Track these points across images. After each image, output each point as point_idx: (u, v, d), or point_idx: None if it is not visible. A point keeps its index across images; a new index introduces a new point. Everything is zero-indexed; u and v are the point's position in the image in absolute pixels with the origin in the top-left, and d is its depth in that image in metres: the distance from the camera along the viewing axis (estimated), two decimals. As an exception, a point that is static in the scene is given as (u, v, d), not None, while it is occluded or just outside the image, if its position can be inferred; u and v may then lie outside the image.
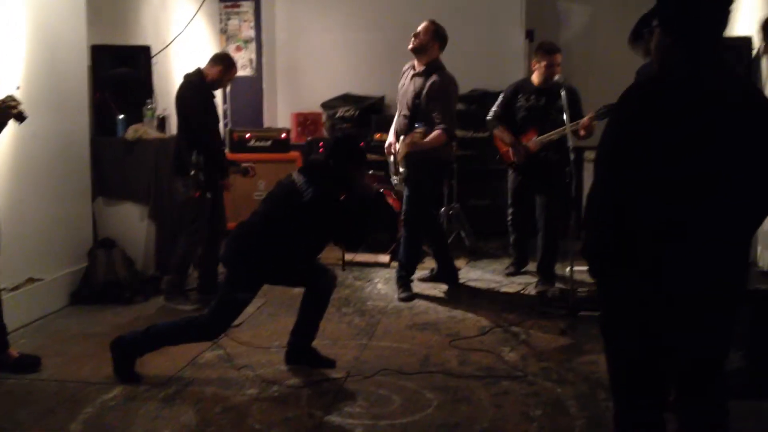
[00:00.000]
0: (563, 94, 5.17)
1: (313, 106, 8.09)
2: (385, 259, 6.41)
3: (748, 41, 5.56)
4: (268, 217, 3.99)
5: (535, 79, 5.66)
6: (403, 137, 5.44)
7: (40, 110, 4.77)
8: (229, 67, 5.33)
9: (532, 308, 5.19)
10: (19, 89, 4.60)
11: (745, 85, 2.42)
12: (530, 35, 7.87)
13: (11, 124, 3.88)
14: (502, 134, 5.70)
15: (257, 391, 3.81)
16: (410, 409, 3.60)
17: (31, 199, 4.87)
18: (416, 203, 5.45)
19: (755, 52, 5.56)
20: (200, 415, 3.54)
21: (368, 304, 5.36)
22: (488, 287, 5.83)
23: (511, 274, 6.14)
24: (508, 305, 5.29)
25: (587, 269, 2.41)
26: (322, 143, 7.53)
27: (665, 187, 2.17)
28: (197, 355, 4.25)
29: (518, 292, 5.70)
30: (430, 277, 5.89)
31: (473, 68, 7.17)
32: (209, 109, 5.32)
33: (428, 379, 3.96)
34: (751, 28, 5.60)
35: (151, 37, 6.43)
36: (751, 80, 5.40)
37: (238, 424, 3.46)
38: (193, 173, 5.02)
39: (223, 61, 5.34)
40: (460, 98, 6.14)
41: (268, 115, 8.31)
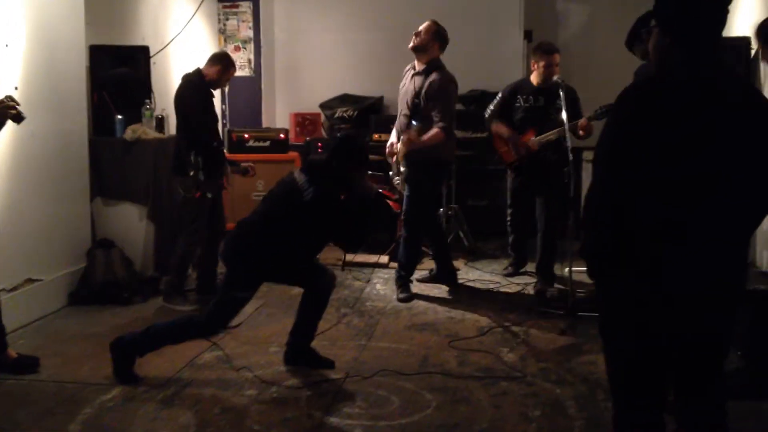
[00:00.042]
0: (562, 94, 5.18)
1: (311, 106, 8.08)
2: (384, 259, 6.40)
3: (746, 41, 5.56)
4: (268, 216, 3.98)
5: (533, 79, 5.66)
6: (402, 136, 5.45)
7: (38, 110, 4.78)
8: (227, 66, 5.33)
9: (531, 309, 5.19)
10: (17, 89, 4.60)
11: (744, 85, 2.42)
12: (529, 35, 7.87)
13: (9, 124, 3.88)
14: (499, 129, 5.68)
15: (256, 391, 3.81)
16: (409, 409, 3.60)
17: (29, 199, 4.87)
18: (416, 203, 5.45)
19: (753, 52, 5.56)
20: (199, 416, 3.54)
21: (367, 304, 5.36)
22: (487, 288, 5.83)
23: (509, 274, 6.14)
24: (507, 306, 5.29)
25: (586, 270, 2.41)
26: (320, 143, 7.53)
27: (664, 187, 2.17)
28: (196, 356, 4.24)
29: (517, 292, 5.70)
30: (429, 277, 5.89)
31: (472, 68, 7.17)
32: (208, 108, 5.32)
33: (427, 379, 3.96)
34: (749, 28, 5.60)
35: (149, 37, 6.43)
36: (749, 80, 5.41)
37: (237, 424, 3.46)
38: (192, 173, 5.02)
39: (221, 60, 5.34)
40: (458, 99, 6.14)
41: (266, 115, 8.30)
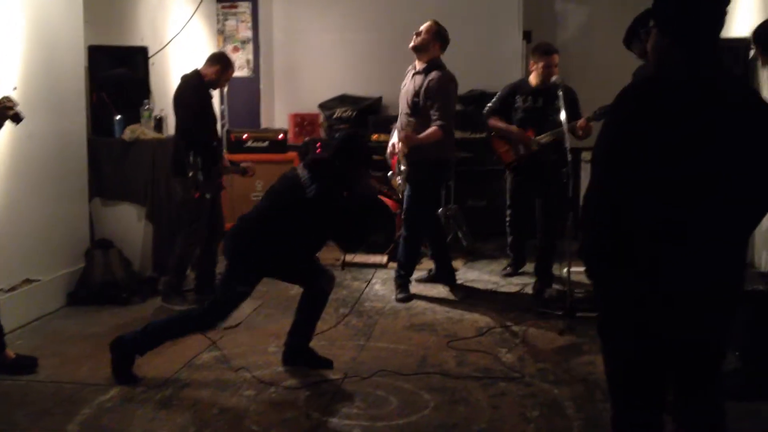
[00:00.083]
0: (560, 94, 5.18)
1: (310, 106, 8.08)
2: (382, 259, 6.40)
3: (745, 43, 5.56)
4: (269, 212, 3.98)
5: (532, 80, 5.66)
6: (399, 134, 5.46)
7: (37, 111, 4.77)
8: (226, 66, 5.33)
9: (529, 309, 5.19)
10: (16, 90, 4.60)
11: (743, 85, 2.42)
12: (528, 36, 7.87)
13: (8, 124, 3.88)
14: (498, 124, 5.68)
15: (254, 392, 3.80)
16: (407, 410, 3.60)
17: (28, 199, 4.86)
18: (417, 202, 5.45)
19: (752, 53, 5.56)
20: (197, 416, 3.54)
21: (366, 305, 5.35)
22: (486, 288, 5.82)
23: (508, 275, 6.14)
24: (505, 306, 5.29)
25: (584, 270, 2.41)
26: (319, 144, 7.53)
27: (664, 187, 2.17)
28: (194, 356, 4.24)
29: (516, 293, 5.69)
30: (428, 277, 5.89)
31: (471, 69, 7.16)
32: (207, 109, 5.31)
33: (426, 380, 3.96)
34: (748, 29, 5.60)
35: (148, 37, 6.43)
36: (748, 81, 5.41)
37: (235, 425, 3.46)
38: (191, 174, 5.02)
39: (220, 60, 5.34)
40: (458, 99, 6.13)
41: (265, 115, 8.30)
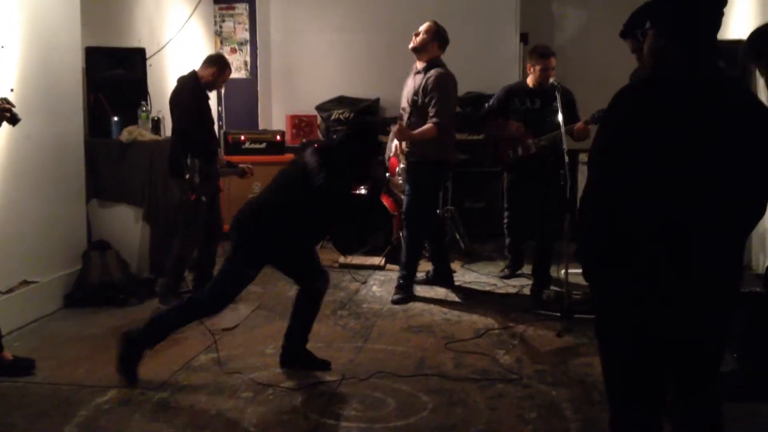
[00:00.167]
0: (558, 96, 5.18)
1: (308, 108, 8.08)
2: (380, 261, 6.40)
3: (742, 44, 5.57)
4: (276, 195, 3.99)
5: (529, 82, 5.68)
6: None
7: (34, 112, 4.77)
8: (223, 68, 5.32)
9: (527, 311, 5.19)
10: (13, 91, 4.59)
11: (742, 86, 2.42)
12: (525, 38, 7.87)
13: (5, 126, 3.87)
14: (495, 123, 5.72)
15: (252, 394, 3.80)
16: (405, 411, 3.60)
17: (25, 200, 4.86)
18: (416, 202, 5.45)
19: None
20: (195, 418, 3.53)
21: (363, 306, 5.35)
22: (484, 290, 5.82)
23: (506, 276, 6.14)
24: (503, 308, 5.29)
25: (581, 271, 2.41)
26: (316, 145, 7.51)
27: (664, 187, 2.17)
28: (192, 358, 4.24)
29: (513, 294, 5.70)
30: (425, 279, 5.89)
31: (468, 71, 7.16)
32: (204, 111, 5.30)
33: (423, 381, 3.96)
34: (744, 31, 5.60)
35: (145, 39, 6.43)
36: (745, 83, 5.42)
37: (233, 427, 3.46)
38: (188, 176, 5.01)
39: (217, 62, 5.33)
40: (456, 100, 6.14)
41: (262, 117, 8.30)
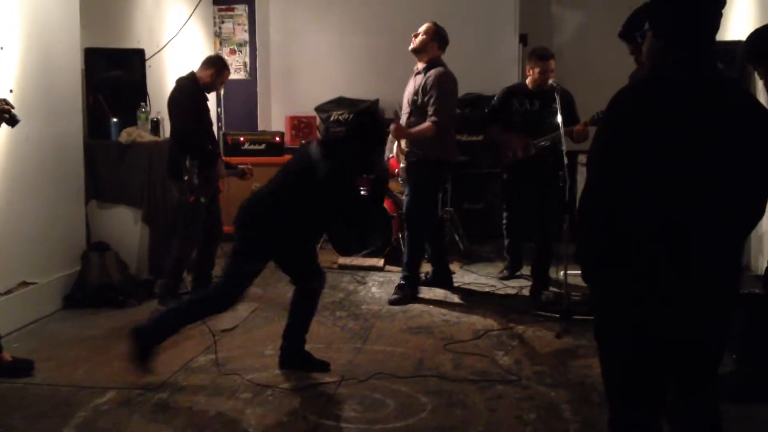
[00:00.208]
0: (557, 97, 5.19)
1: (307, 109, 8.08)
2: (379, 262, 6.40)
3: (741, 45, 5.57)
4: (280, 187, 3.99)
5: (529, 84, 5.68)
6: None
7: (33, 113, 4.77)
8: (221, 69, 5.31)
9: (526, 312, 5.19)
10: (12, 92, 4.59)
11: (741, 87, 2.42)
12: (524, 39, 7.88)
13: (4, 127, 3.87)
14: (493, 132, 5.77)
15: (251, 395, 3.80)
16: (404, 413, 3.60)
17: (24, 202, 4.85)
18: (416, 202, 5.45)
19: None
20: (194, 419, 3.53)
21: (362, 307, 5.35)
22: (483, 291, 5.82)
23: (505, 277, 6.14)
24: (502, 309, 5.29)
25: (580, 272, 2.41)
26: (321, 137, 7.53)
27: (664, 187, 2.17)
28: (191, 359, 4.23)
29: (512, 295, 5.70)
30: (424, 280, 5.89)
31: (467, 72, 7.14)
32: (202, 112, 5.30)
33: (422, 383, 3.96)
34: (743, 32, 5.61)
35: (145, 40, 6.43)
36: (743, 85, 5.42)
37: (232, 428, 3.46)
38: (186, 178, 5.01)
39: (215, 64, 5.32)
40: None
41: (262, 118, 8.30)
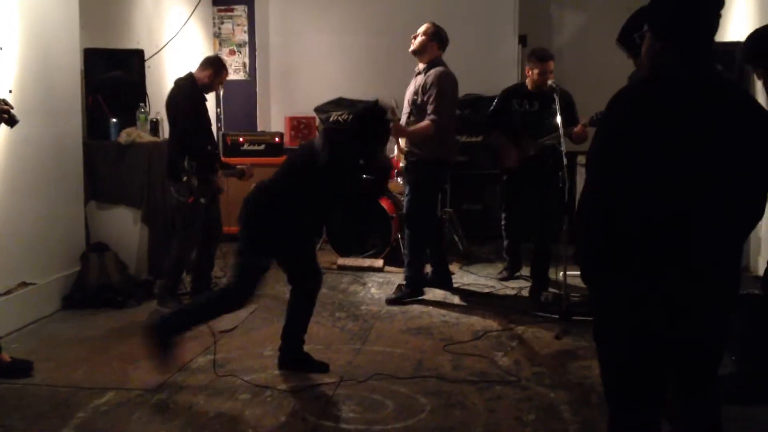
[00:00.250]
0: (557, 98, 5.19)
1: (306, 109, 8.05)
2: (378, 263, 6.40)
3: (740, 46, 5.57)
4: (281, 178, 4.00)
5: (528, 85, 5.69)
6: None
7: (32, 114, 4.77)
8: (219, 70, 5.30)
9: (525, 313, 5.19)
10: (11, 93, 4.59)
11: (741, 87, 2.43)
12: (523, 40, 7.89)
13: (3, 127, 3.87)
14: (494, 138, 5.79)
15: (250, 396, 3.80)
16: (403, 414, 3.60)
17: (23, 202, 4.85)
18: (416, 202, 5.46)
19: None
20: (193, 420, 3.53)
21: (362, 308, 5.35)
22: (482, 292, 5.83)
23: (504, 278, 6.14)
24: (501, 310, 5.29)
25: (579, 273, 2.41)
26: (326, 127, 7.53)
27: (664, 186, 2.17)
28: (190, 360, 4.23)
29: (512, 296, 5.70)
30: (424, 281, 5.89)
31: (467, 73, 7.13)
32: (201, 113, 5.29)
33: (422, 383, 3.96)
34: (742, 33, 5.62)
35: (144, 40, 6.44)
36: (742, 85, 5.43)
37: (231, 428, 3.45)
38: (185, 179, 5.01)
39: (213, 64, 5.31)
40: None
41: (261, 119, 8.31)
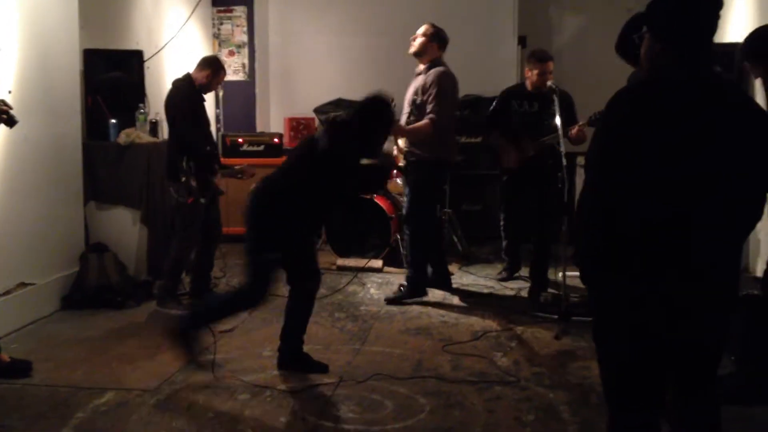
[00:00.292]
0: (556, 99, 5.19)
1: (306, 110, 8.07)
2: (378, 263, 6.40)
3: (739, 48, 5.58)
4: (282, 176, 4.02)
5: (528, 85, 5.69)
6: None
7: (32, 114, 4.77)
8: (217, 70, 5.28)
9: (524, 313, 5.20)
10: (11, 93, 4.59)
11: (740, 88, 2.43)
12: (523, 41, 7.90)
13: (2, 128, 3.87)
14: (495, 139, 5.79)
15: (249, 396, 3.80)
16: (403, 414, 3.60)
17: (23, 202, 4.85)
18: (416, 202, 5.46)
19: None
20: (192, 420, 3.53)
21: (361, 308, 5.35)
22: (481, 292, 5.83)
23: (503, 279, 6.15)
24: (500, 310, 5.29)
25: (579, 274, 2.41)
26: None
27: (663, 187, 2.18)
28: (189, 360, 4.23)
29: (511, 297, 5.71)
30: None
31: (466, 74, 7.11)
32: (199, 113, 5.27)
33: (421, 384, 3.96)
34: (741, 35, 5.62)
35: (143, 41, 6.44)
36: (741, 86, 5.43)
37: (230, 429, 3.45)
38: (184, 180, 5.00)
39: (211, 65, 5.28)
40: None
41: (260, 119, 8.30)
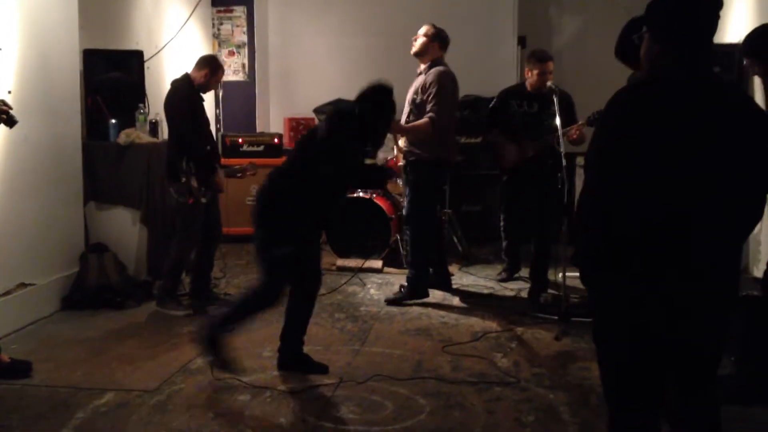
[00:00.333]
0: (555, 99, 5.19)
1: (305, 110, 8.07)
2: (378, 264, 6.40)
3: (738, 48, 5.58)
4: (289, 161, 4.05)
5: (527, 86, 5.69)
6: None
7: (32, 114, 4.77)
8: (215, 69, 5.26)
9: (524, 314, 5.20)
10: (10, 93, 4.59)
11: (740, 89, 2.44)
12: (523, 41, 7.90)
13: (2, 128, 3.87)
14: (495, 138, 5.79)
15: (249, 396, 3.80)
16: (403, 414, 3.60)
17: (23, 203, 4.85)
18: (416, 203, 5.46)
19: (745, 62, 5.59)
20: (192, 420, 3.53)
21: (361, 309, 5.35)
22: (481, 293, 5.83)
23: (503, 279, 6.14)
24: (500, 311, 5.29)
25: (578, 274, 2.41)
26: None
27: (663, 187, 2.18)
28: (189, 361, 4.23)
29: (511, 297, 5.71)
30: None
31: (466, 74, 7.12)
32: (199, 113, 5.25)
33: (421, 384, 3.96)
34: (741, 35, 5.62)
35: (143, 41, 6.44)
36: (741, 87, 5.43)
37: (230, 429, 3.45)
38: (184, 180, 5.00)
39: (209, 64, 5.26)
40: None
41: (260, 119, 8.31)
